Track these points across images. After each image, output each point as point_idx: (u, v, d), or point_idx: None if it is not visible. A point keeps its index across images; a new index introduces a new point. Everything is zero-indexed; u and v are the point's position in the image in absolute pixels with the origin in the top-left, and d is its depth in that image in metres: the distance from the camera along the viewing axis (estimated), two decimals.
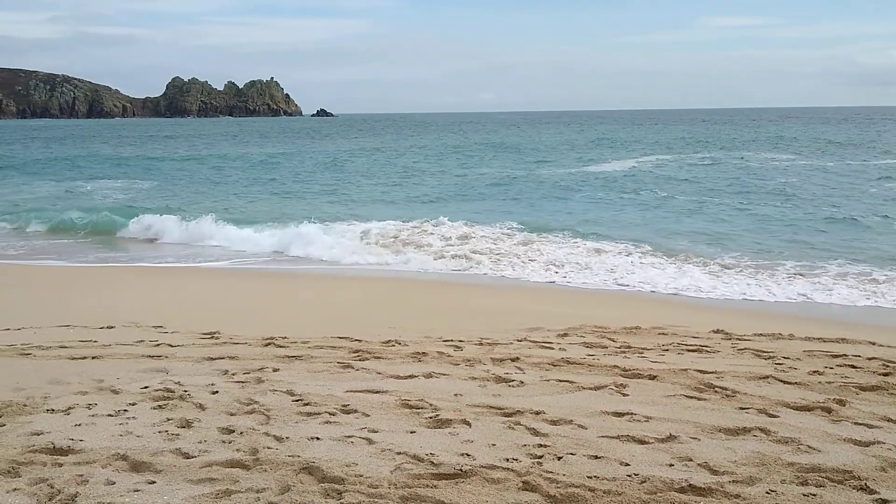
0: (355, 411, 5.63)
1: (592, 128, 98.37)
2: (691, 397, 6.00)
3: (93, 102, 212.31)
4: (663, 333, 8.40)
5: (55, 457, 4.72)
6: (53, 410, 5.64)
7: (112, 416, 5.52)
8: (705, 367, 6.90)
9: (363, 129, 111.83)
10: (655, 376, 6.52)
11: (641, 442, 5.00)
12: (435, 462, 4.62)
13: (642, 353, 7.47)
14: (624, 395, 6.05)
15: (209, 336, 8.38)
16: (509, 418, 5.45)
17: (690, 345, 7.82)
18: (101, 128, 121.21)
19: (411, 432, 5.18)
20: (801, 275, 12.57)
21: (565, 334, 8.33)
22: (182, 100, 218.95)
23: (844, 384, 6.37)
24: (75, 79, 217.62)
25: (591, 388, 6.19)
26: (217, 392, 6.13)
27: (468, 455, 4.74)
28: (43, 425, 5.30)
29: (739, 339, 8.16)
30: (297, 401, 5.89)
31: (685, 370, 6.74)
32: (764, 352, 7.56)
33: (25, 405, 5.78)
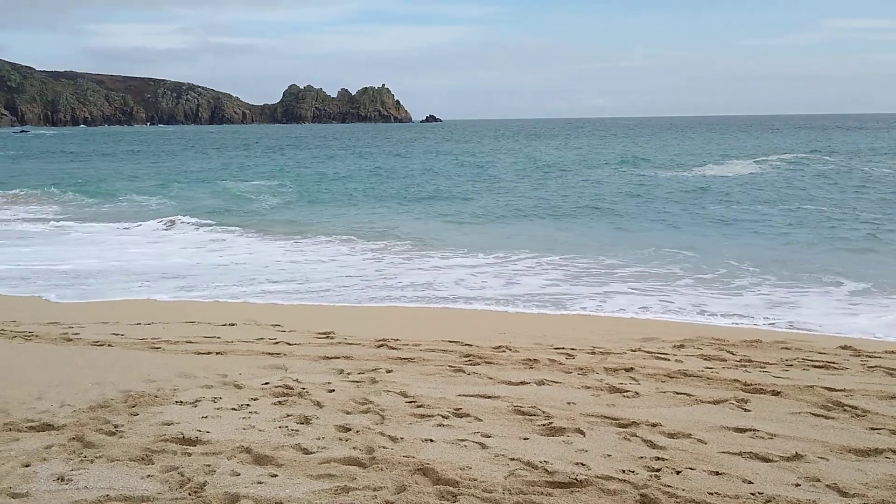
0: (468, 415, 5.65)
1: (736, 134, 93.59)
2: (818, 415, 5.72)
3: (215, 109, 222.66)
4: (786, 348, 8.04)
5: (184, 446, 4.97)
6: (182, 402, 5.93)
7: (236, 409, 5.76)
8: (833, 384, 6.56)
9: (488, 134, 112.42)
10: (779, 392, 6.25)
11: (765, 460, 4.81)
12: (549, 470, 4.59)
13: (764, 367, 7.17)
14: (745, 410, 5.83)
15: (324, 336, 8.60)
16: (624, 429, 5.35)
17: (816, 361, 7.45)
18: (231, 134, 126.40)
19: (524, 439, 5.17)
20: None
21: (681, 346, 8.10)
22: (297, 106, 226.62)
23: None
24: (199, 86, 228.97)
25: (710, 402, 6.00)
26: (333, 391, 6.29)
27: (583, 465, 4.69)
28: (173, 416, 5.59)
29: (870, 357, 7.72)
30: (411, 402, 5.97)
31: (811, 387, 6.43)
32: None
33: (156, 396, 6.11)
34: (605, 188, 29.59)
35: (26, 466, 4.65)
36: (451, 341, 8.29)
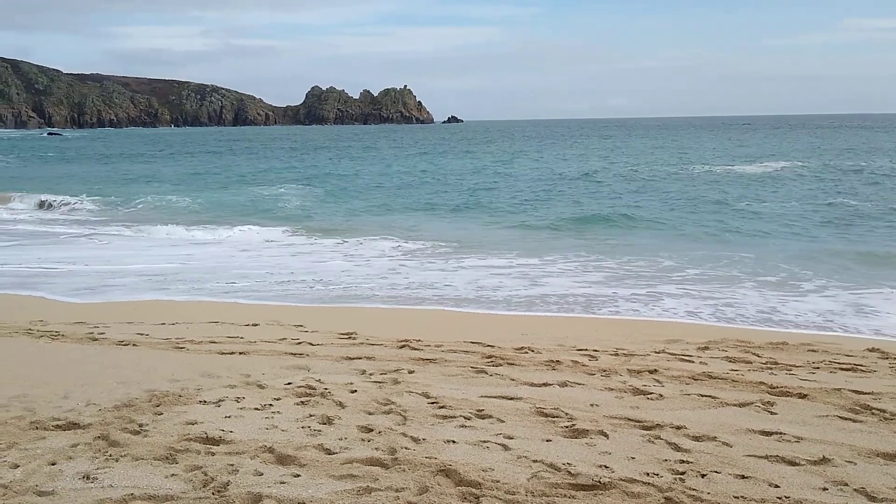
0: (490, 416, 5.64)
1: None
2: (846, 418, 5.64)
3: (238, 111, 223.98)
4: (813, 350, 7.95)
5: (208, 446, 4.99)
6: (205, 402, 5.97)
7: (259, 409, 5.78)
8: (861, 387, 6.47)
9: (517, 134, 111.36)
10: (806, 395, 6.17)
11: (792, 463, 4.75)
12: (572, 472, 4.56)
13: (790, 370, 7.09)
14: (772, 413, 5.76)
15: (346, 336, 8.62)
16: (648, 432, 5.30)
17: (843, 363, 7.35)
18: (258, 135, 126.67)
19: (547, 441, 5.14)
20: None
21: (706, 348, 8.03)
22: (320, 108, 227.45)
23: None
24: (223, 88, 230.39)
25: (735, 405, 5.93)
26: (356, 391, 6.30)
27: (606, 467, 4.65)
28: (196, 415, 5.62)
29: None
30: (433, 403, 5.96)
31: (838, 390, 6.34)
32: None
33: (180, 395, 6.15)
34: (653, 189, 29.05)
35: (52, 465, 4.69)
36: (472, 342, 8.27)
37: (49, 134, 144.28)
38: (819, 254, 14.98)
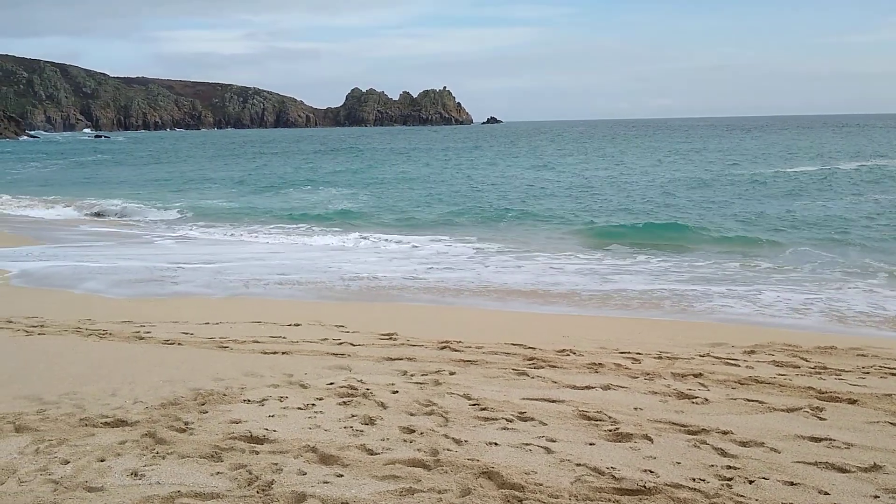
0: (532, 419, 5.60)
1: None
2: None
3: (280, 113, 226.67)
4: (862, 355, 7.77)
5: (252, 444, 5.04)
6: (249, 401, 6.03)
7: (301, 409, 5.82)
8: None
9: (563, 136, 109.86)
10: (856, 400, 6.03)
11: (842, 470, 4.65)
12: (616, 476, 4.51)
13: (839, 374, 6.93)
14: (821, 418, 5.64)
15: (387, 337, 8.64)
16: (694, 436, 5.23)
17: (894, 368, 7.17)
18: (309, 136, 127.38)
19: (590, 444, 5.09)
20: None
21: (752, 351, 7.89)
22: (360, 110, 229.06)
23: None
24: (265, 91, 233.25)
25: (783, 410, 5.82)
26: (397, 392, 6.31)
27: (651, 472, 4.59)
28: (241, 414, 5.68)
29: None
30: (475, 405, 5.95)
31: (889, 395, 6.19)
32: None
33: (225, 394, 6.22)
34: (735, 193, 28.03)
35: (101, 461, 4.78)
36: (513, 344, 8.24)
37: (96, 136, 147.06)
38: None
